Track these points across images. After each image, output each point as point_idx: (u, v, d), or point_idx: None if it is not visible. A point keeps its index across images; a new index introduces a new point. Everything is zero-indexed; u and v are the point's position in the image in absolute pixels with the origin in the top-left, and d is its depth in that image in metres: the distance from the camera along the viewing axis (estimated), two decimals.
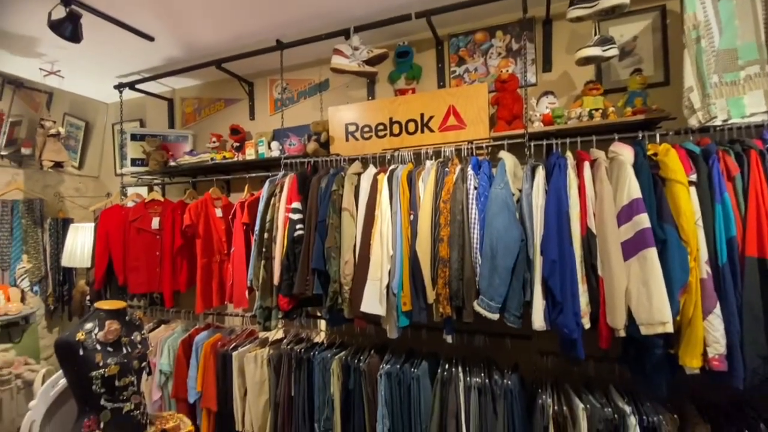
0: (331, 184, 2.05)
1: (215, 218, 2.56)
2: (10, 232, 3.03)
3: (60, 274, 3.21)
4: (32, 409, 1.50)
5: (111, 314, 1.51)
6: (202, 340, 2.44)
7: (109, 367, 1.42)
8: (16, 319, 2.82)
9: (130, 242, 2.72)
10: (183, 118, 3.33)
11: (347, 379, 2.08)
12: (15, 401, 2.66)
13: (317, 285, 1.97)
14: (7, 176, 3.08)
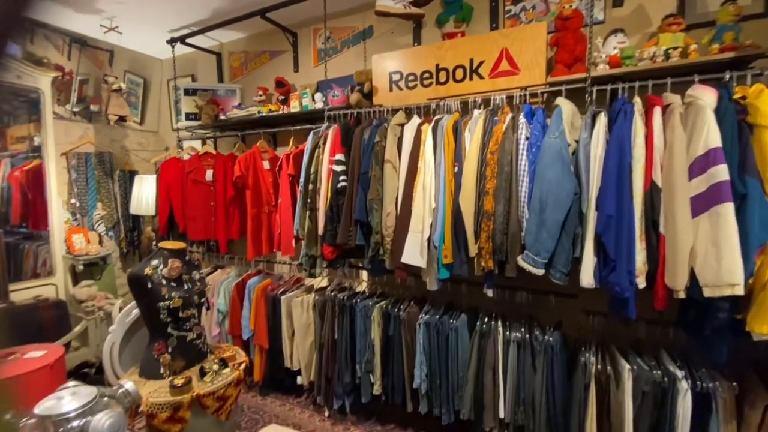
0: (374, 136, 2.01)
1: (263, 170, 2.64)
2: (86, 181, 3.34)
3: (130, 221, 3.53)
4: (111, 333, 1.72)
5: (173, 253, 1.65)
6: (253, 284, 2.62)
7: (173, 299, 1.57)
8: (96, 260, 3.19)
9: (188, 193, 2.90)
10: (231, 72, 3.38)
11: (387, 327, 2.16)
12: (99, 329, 3.06)
13: (359, 236, 2.00)
14: (80, 130, 3.36)
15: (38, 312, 2.74)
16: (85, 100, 3.82)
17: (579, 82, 1.80)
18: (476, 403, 1.92)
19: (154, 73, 3.94)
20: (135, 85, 3.95)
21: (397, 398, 2.16)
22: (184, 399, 1.46)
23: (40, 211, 3.19)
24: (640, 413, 1.56)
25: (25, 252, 3.18)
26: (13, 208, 3.23)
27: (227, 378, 1.61)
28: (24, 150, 3.41)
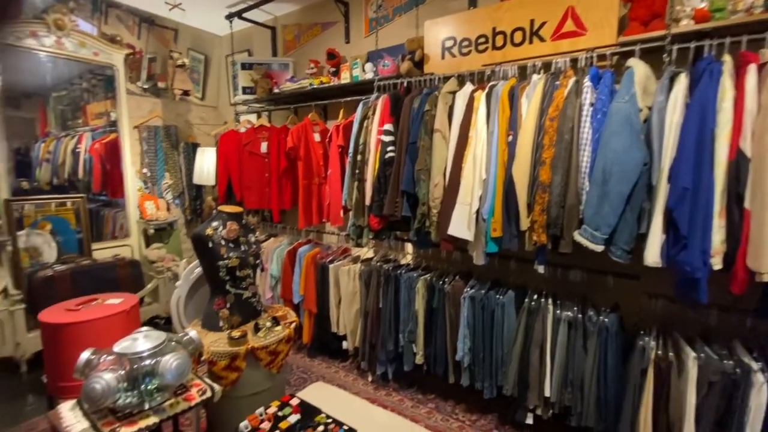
0: (424, 104, 1.97)
1: (314, 142, 2.69)
2: (155, 153, 3.63)
3: (193, 191, 3.80)
4: (178, 288, 1.88)
5: (231, 216, 1.75)
6: (304, 252, 2.73)
7: (231, 259, 1.68)
8: (164, 225, 3.48)
9: (244, 164, 3.05)
10: (284, 46, 3.44)
11: (431, 298, 2.16)
12: (167, 287, 3.37)
13: (406, 207, 2.00)
14: (149, 105, 3.62)
15: (116, 269, 3.07)
16: (153, 77, 4.09)
17: (656, 40, 1.61)
18: (521, 380, 1.89)
19: (214, 49, 4.12)
20: (197, 62, 4.16)
21: (439, 369, 2.18)
22: (240, 350, 1.58)
23: (117, 180, 3.52)
24: (705, 405, 1.44)
25: (105, 217, 3.53)
26: (95, 178, 3.57)
27: (279, 335, 1.71)
28: (102, 125, 3.74)
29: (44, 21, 2.75)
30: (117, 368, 1.24)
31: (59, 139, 3.72)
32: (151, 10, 3.58)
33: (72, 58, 2.97)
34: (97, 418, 1.24)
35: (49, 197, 3.10)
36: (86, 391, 1.16)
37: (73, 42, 2.92)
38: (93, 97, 4.04)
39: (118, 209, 3.53)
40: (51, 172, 3.47)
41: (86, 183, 3.53)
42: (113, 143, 3.49)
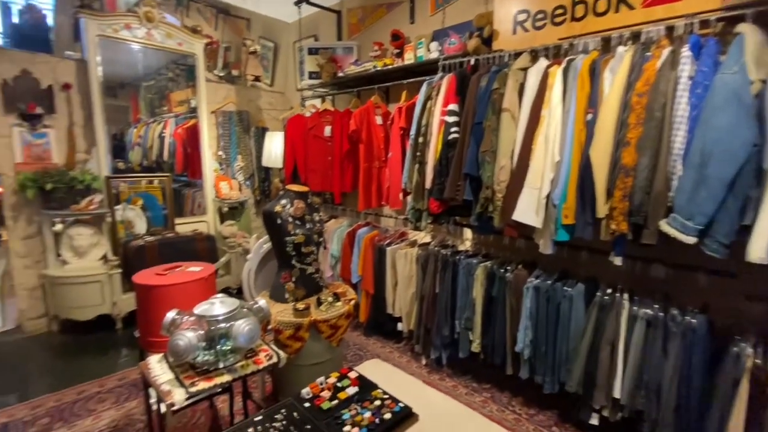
0: (492, 82, 1.87)
1: (375, 125, 2.71)
2: (229, 136, 3.89)
3: (262, 173, 4.03)
4: (249, 261, 2.02)
5: (298, 195, 1.83)
6: (362, 234, 2.78)
7: (297, 236, 1.76)
8: (236, 204, 3.74)
9: (309, 147, 3.16)
10: (349, 30, 3.47)
11: (491, 286, 2.10)
12: (238, 262, 3.64)
13: (468, 191, 1.94)
14: (225, 91, 3.87)
15: (195, 242, 3.37)
16: (228, 65, 4.35)
17: None
18: (587, 378, 1.77)
19: (282, 36, 4.27)
20: (267, 50, 4.35)
21: (497, 359, 2.12)
22: (304, 321, 1.66)
23: (196, 162, 3.84)
24: None
25: (185, 195, 3.86)
26: (177, 160, 3.92)
27: (339, 310, 1.77)
28: (183, 111, 4.08)
29: (137, 14, 3.03)
30: (197, 328, 1.36)
31: (148, 125, 4.13)
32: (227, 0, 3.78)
33: (160, 48, 3.25)
34: (179, 372, 1.38)
35: (140, 176, 3.47)
36: (171, 347, 1.30)
37: (161, 33, 3.20)
38: (176, 86, 4.42)
39: (196, 189, 3.86)
40: (141, 154, 3.88)
41: (170, 164, 3.89)
42: (193, 128, 3.80)
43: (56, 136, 2.90)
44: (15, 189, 2.75)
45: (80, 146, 3.01)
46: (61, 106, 2.90)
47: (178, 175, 3.76)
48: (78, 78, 2.96)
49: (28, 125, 2.78)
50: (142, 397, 2.13)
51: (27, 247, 2.88)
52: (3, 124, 2.71)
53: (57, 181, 2.74)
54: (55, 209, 2.81)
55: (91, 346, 2.79)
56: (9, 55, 2.72)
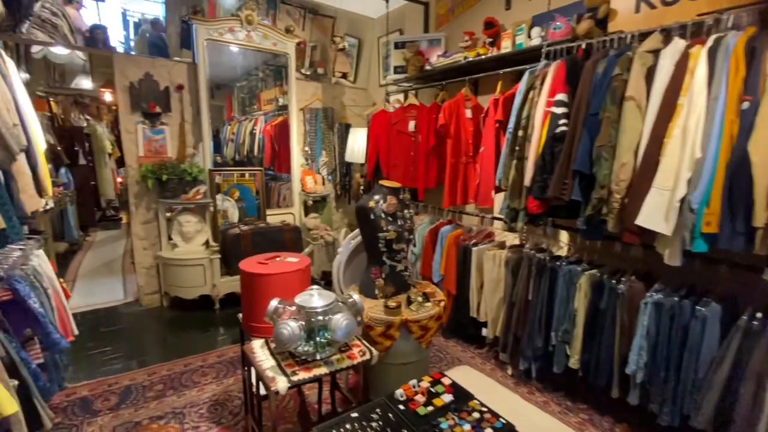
0: (612, 68, 1.65)
1: (465, 119, 2.59)
2: (315, 133, 4.03)
3: (344, 168, 4.12)
4: (339, 254, 2.05)
5: (391, 191, 1.80)
6: (446, 232, 2.69)
7: (390, 232, 1.73)
8: (320, 197, 3.87)
9: (392, 143, 3.13)
10: (436, 21, 3.37)
11: (597, 298, 1.88)
12: (320, 253, 3.77)
13: (576, 190, 1.74)
14: (312, 89, 4.01)
15: (283, 233, 3.55)
16: (313, 64, 4.52)
17: None
18: (721, 416, 1.50)
19: (366, 32, 4.31)
20: (351, 46, 4.43)
21: (600, 380, 1.90)
22: (396, 320, 1.63)
23: (283, 157, 4.05)
24: None
25: (272, 188, 4.09)
26: (266, 155, 4.17)
27: (430, 311, 1.71)
28: (272, 109, 4.33)
29: (239, 18, 3.25)
30: (298, 318, 1.39)
31: (241, 122, 4.47)
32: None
33: (257, 49, 3.46)
34: (281, 359, 1.42)
35: (237, 169, 3.74)
36: (276, 334, 1.34)
37: (259, 35, 3.39)
38: (265, 86, 4.71)
39: (282, 182, 4.08)
40: (234, 149, 4.20)
41: (259, 159, 4.17)
42: (282, 125, 4.01)
43: (170, 133, 3.24)
44: (137, 179, 3.12)
45: (189, 141, 3.33)
46: (174, 105, 3.23)
47: (266, 168, 4.00)
48: (189, 79, 3.26)
49: (149, 123, 3.14)
50: (238, 376, 2.29)
51: (146, 230, 3.26)
52: (129, 121, 3.09)
53: (171, 172, 3.06)
54: (168, 198, 3.15)
55: (194, 323, 3.08)
56: (136, 60, 3.09)
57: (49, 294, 1.94)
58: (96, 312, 3.23)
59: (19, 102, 1.68)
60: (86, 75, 6.49)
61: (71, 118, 6.08)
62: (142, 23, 5.15)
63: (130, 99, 3.05)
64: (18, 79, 1.83)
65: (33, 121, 1.90)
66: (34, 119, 1.89)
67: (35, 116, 1.92)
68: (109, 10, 5.16)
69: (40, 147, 1.92)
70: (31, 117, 1.82)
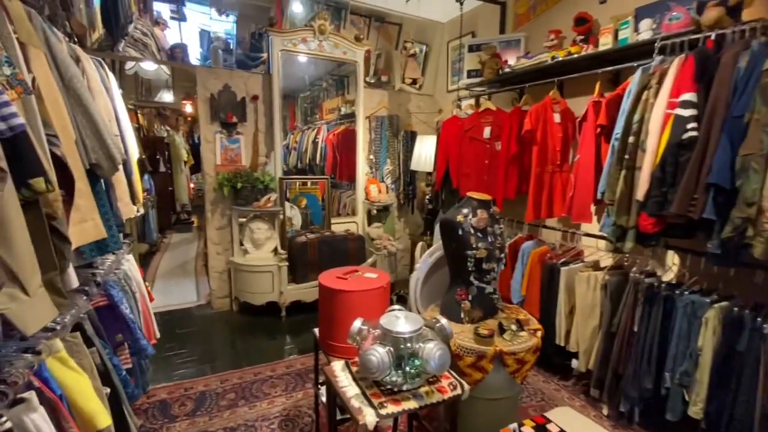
0: (762, 62, 1.36)
1: (553, 124, 2.35)
2: (380, 141, 3.96)
3: (408, 176, 4.00)
4: (417, 270, 1.91)
5: (480, 204, 1.63)
6: (528, 249, 2.45)
7: (479, 250, 1.55)
8: (383, 207, 3.78)
9: (464, 150, 2.96)
10: (514, 21, 3.16)
11: (733, 338, 1.55)
12: (384, 263, 3.66)
13: (710, 207, 1.45)
14: (378, 97, 3.95)
15: (348, 242, 3.50)
16: (377, 72, 4.49)
17: None
18: None
19: (435, 37, 4.19)
20: (418, 53, 4.33)
21: None
22: (489, 350, 1.45)
23: (344, 165, 4.03)
24: None
25: (333, 196, 4.07)
26: (327, 163, 4.18)
27: (527, 342, 1.51)
28: (333, 118, 4.35)
29: (312, 28, 3.28)
30: (385, 343, 1.27)
31: (303, 131, 4.54)
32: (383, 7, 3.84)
33: (328, 58, 3.46)
34: (365, 386, 1.30)
35: (306, 177, 3.77)
36: (363, 361, 1.22)
37: (330, 44, 3.40)
38: (327, 95, 4.78)
39: (342, 190, 4.06)
40: (297, 157, 4.26)
41: (321, 167, 4.20)
42: (343, 133, 4.01)
43: (245, 142, 3.33)
44: (214, 187, 3.23)
45: (261, 150, 3.40)
46: (249, 115, 3.32)
47: (304, 169, 3.99)
48: (263, 90, 3.34)
49: (226, 132, 3.25)
50: (308, 390, 2.23)
51: (219, 236, 3.37)
52: (209, 131, 3.21)
53: (245, 180, 3.13)
54: (241, 205, 3.22)
55: (261, 329, 3.11)
56: (216, 73, 3.22)
57: (137, 298, 2.00)
58: (172, 313, 3.38)
59: (118, 114, 1.76)
60: (168, 89, 7.07)
61: (154, 129, 6.62)
62: (214, 41, 5.57)
63: (209, 109, 3.17)
64: (118, 93, 1.93)
65: (129, 132, 1.99)
66: (129, 130, 1.97)
67: (131, 127, 2.01)
68: (189, 29, 5.59)
69: (134, 156, 2.00)
70: (128, 128, 1.91)
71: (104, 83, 1.69)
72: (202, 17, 5.81)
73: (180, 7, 5.30)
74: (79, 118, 1.12)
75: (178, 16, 5.58)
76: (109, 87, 1.75)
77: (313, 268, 3.34)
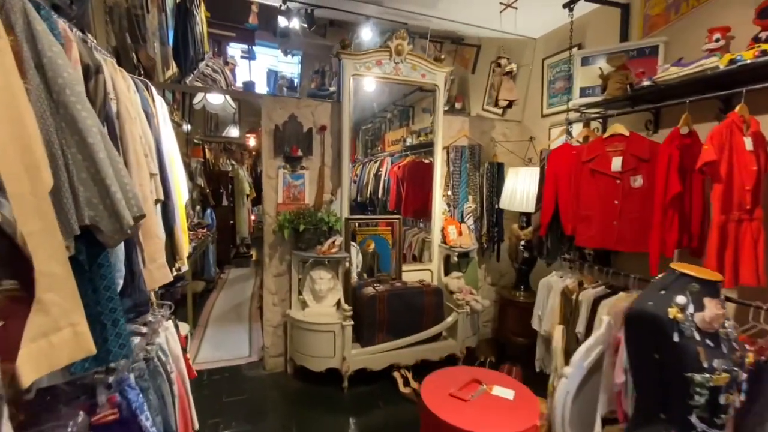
0: None
1: (743, 153, 1.62)
2: (459, 174, 3.39)
3: (493, 216, 3.35)
4: (567, 379, 1.24)
5: (705, 287, 0.96)
6: None
7: (717, 374, 0.87)
8: (466, 252, 3.15)
9: (583, 187, 2.28)
10: (644, 25, 2.50)
11: None
12: (465, 323, 2.98)
13: None
14: (458, 124, 3.42)
15: (423, 296, 2.89)
16: (450, 99, 4.01)
17: None
18: None
19: (523, 55, 3.62)
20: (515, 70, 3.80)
21: None
22: None
23: (412, 200, 3.50)
24: None
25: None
26: (390, 198, 3.71)
27: None
28: (398, 150, 3.91)
29: (388, 48, 2.87)
30: None
31: (364, 164, 4.14)
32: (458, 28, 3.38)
33: (405, 82, 3.02)
34: None
35: (375, 217, 3.28)
36: None
37: (407, 66, 2.96)
38: (389, 127, 4.38)
39: (407, 227, 3.53)
40: (356, 191, 3.83)
41: (383, 202, 3.73)
42: (410, 165, 3.54)
43: (309, 177, 2.92)
44: (274, 229, 2.83)
45: (326, 186, 2.98)
46: (315, 149, 2.93)
47: (389, 212, 3.51)
48: (331, 119, 2.95)
49: (290, 167, 2.87)
50: None
51: (277, 284, 2.93)
52: (271, 166, 2.85)
53: (308, 222, 2.69)
54: (302, 250, 2.77)
55: (320, 401, 2.55)
56: (282, 102, 2.89)
57: (172, 379, 1.54)
58: (221, 371, 2.95)
59: (162, 147, 1.36)
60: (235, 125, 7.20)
61: (220, 163, 6.66)
62: (280, 79, 5.59)
63: (273, 142, 2.83)
64: (168, 123, 1.57)
65: (178, 170, 1.60)
66: (178, 166, 1.59)
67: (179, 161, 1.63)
68: (258, 69, 5.76)
69: (182, 200, 1.60)
70: (175, 162, 1.52)
71: (147, 109, 1.31)
72: (270, 59, 6.01)
73: (251, 47, 5.46)
74: (71, 153, 0.69)
75: (248, 55, 5.71)
76: (154, 114, 1.37)
77: (381, 327, 2.77)
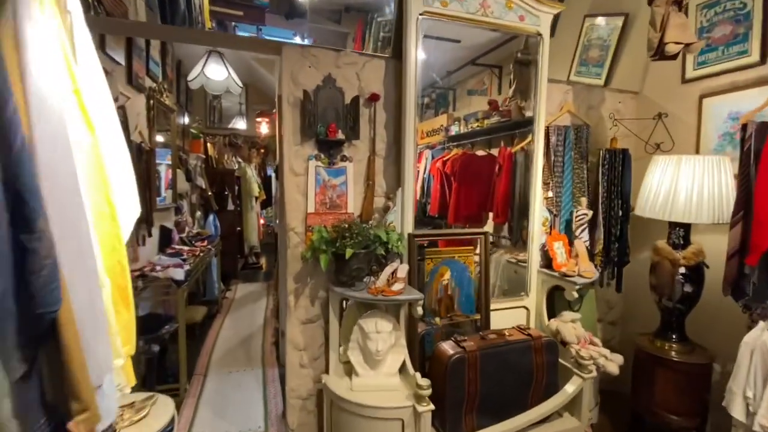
0: None
1: None
2: (562, 166, 2.36)
3: (616, 227, 2.31)
4: None
5: None
6: None
7: None
8: (589, 282, 2.11)
9: None
10: None
11: None
12: (587, 393, 1.95)
13: None
14: (558, 94, 2.39)
15: (530, 353, 1.87)
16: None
17: None
18: None
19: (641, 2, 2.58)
20: (604, 33, 2.76)
21: None
22: None
23: (465, 203, 2.53)
24: None
25: None
26: (432, 201, 2.75)
27: None
28: (438, 141, 2.96)
29: None
30: None
31: None
32: None
33: (494, 26, 1.99)
34: None
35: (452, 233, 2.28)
36: None
37: (499, 4, 1.95)
38: (422, 116, 3.41)
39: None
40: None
41: (422, 204, 2.82)
42: (462, 159, 2.60)
43: (354, 172, 1.92)
44: (303, 254, 1.82)
45: (379, 187, 1.97)
46: (363, 128, 1.92)
47: (431, 217, 2.66)
48: (385, 86, 1.95)
49: (325, 158, 1.86)
50: None
51: (305, 335, 1.93)
52: (298, 156, 1.85)
53: (358, 242, 1.68)
54: (345, 285, 1.77)
55: None
56: (313, 55, 1.87)
57: None
58: None
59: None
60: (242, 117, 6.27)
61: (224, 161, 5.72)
62: None
63: (301, 119, 1.83)
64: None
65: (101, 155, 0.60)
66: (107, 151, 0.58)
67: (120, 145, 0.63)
68: None
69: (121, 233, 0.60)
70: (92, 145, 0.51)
71: None
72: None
73: (259, 29, 4.67)
74: None
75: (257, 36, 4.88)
76: None
77: (471, 406, 1.76)
